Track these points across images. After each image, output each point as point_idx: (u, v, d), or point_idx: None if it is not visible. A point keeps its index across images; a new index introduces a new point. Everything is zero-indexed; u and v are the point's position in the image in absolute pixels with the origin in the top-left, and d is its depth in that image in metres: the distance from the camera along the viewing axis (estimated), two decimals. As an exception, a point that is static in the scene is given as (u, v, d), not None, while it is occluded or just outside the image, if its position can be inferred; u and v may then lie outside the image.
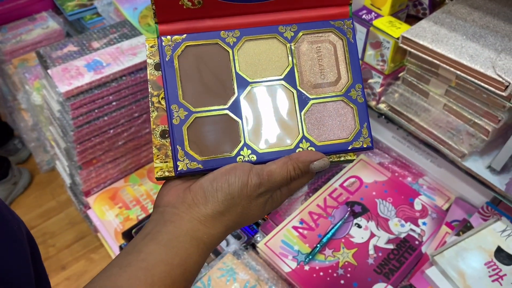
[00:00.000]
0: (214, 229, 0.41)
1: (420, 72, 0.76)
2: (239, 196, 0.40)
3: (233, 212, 0.41)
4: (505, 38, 0.69)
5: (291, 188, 0.44)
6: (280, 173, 0.41)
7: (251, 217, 0.43)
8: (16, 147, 1.73)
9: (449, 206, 0.84)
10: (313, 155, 0.42)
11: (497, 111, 0.69)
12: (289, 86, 0.44)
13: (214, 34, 0.44)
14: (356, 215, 0.83)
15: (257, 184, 0.40)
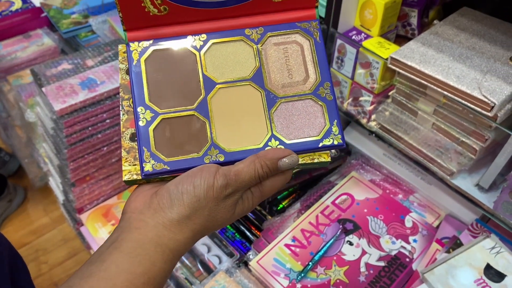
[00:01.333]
0: (181, 234, 0.40)
1: (409, 91, 0.77)
2: (205, 198, 0.39)
3: (200, 216, 0.40)
4: (491, 60, 0.71)
5: (263, 190, 0.42)
6: (248, 172, 0.40)
7: (220, 221, 0.41)
8: (3, 160, 1.73)
9: (439, 223, 0.85)
10: (281, 152, 0.41)
11: (484, 131, 0.70)
12: (256, 86, 0.45)
13: (181, 38, 0.45)
14: (348, 233, 0.84)
15: (223, 185, 0.39)
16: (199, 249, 0.90)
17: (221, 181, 0.39)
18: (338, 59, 0.84)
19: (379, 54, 0.76)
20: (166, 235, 0.39)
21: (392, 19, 0.81)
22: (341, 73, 0.85)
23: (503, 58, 0.71)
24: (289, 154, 0.41)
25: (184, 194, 0.39)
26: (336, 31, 0.81)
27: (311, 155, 0.43)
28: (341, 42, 0.81)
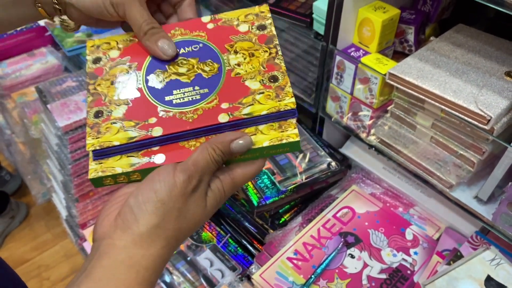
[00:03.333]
0: (153, 247, 0.37)
1: (407, 106, 0.79)
2: (170, 200, 0.37)
3: (170, 219, 0.38)
4: (486, 74, 0.73)
5: (235, 178, 0.41)
6: (203, 158, 0.39)
7: (193, 219, 0.39)
8: (3, 179, 1.74)
9: (440, 236, 0.86)
10: (231, 134, 0.41)
11: (482, 143, 0.71)
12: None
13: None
14: (349, 246, 0.85)
15: (185, 179, 0.38)
16: (202, 264, 0.90)
17: (182, 176, 0.38)
18: (337, 75, 0.86)
19: (377, 70, 0.78)
20: (138, 253, 0.37)
21: (390, 36, 0.83)
22: (340, 89, 0.87)
23: (498, 73, 0.73)
24: (240, 136, 0.41)
25: (146, 203, 0.38)
26: (335, 48, 0.83)
27: (279, 136, 0.43)
28: (340, 58, 0.83)
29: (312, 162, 0.93)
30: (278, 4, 0.95)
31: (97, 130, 0.44)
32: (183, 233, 0.40)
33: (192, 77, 0.46)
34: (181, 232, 0.39)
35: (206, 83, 0.46)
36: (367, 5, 0.81)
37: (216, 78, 0.46)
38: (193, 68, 0.47)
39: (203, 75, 0.46)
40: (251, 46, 0.48)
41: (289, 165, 0.92)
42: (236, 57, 0.47)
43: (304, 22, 0.90)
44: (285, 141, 0.42)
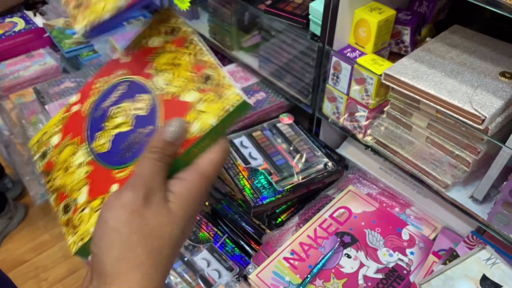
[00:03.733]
0: (127, 283, 0.32)
1: (403, 106, 0.79)
2: (123, 224, 0.33)
3: (132, 246, 0.33)
4: (481, 75, 0.73)
5: (202, 169, 0.37)
6: (144, 165, 0.35)
7: (163, 232, 0.34)
8: (6, 187, 1.73)
9: (436, 236, 0.86)
10: (161, 129, 0.37)
11: (477, 143, 0.72)
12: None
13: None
14: (346, 246, 0.85)
15: (132, 195, 0.34)
16: (199, 264, 0.90)
17: (126, 193, 0.34)
18: (333, 76, 0.87)
19: (373, 71, 0.79)
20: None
21: (386, 37, 0.83)
22: (336, 89, 0.88)
23: (493, 73, 0.74)
24: (170, 123, 0.37)
25: (101, 239, 0.33)
26: (332, 49, 0.84)
27: (222, 106, 0.38)
28: (336, 59, 0.84)
29: (308, 163, 0.93)
30: (274, 6, 0.95)
31: (72, 225, 0.41)
32: (162, 254, 0.34)
33: (132, 121, 0.42)
34: (158, 254, 0.34)
35: (147, 120, 0.41)
36: (363, 6, 0.81)
37: (154, 111, 0.42)
38: (128, 113, 0.43)
39: (140, 114, 0.42)
40: (170, 57, 0.43)
41: (285, 165, 0.93)
42: (162, 77, 0.43)
43: (300, 23, 0.91)
44: (231, 107, 0.38)
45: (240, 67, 1.15)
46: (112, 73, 0.46)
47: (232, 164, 0.92)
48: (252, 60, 1.08)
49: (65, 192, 0.43)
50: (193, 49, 0.43)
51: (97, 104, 0.45)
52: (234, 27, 1.05)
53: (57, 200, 0.43)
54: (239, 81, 1.12)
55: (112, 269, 0.32)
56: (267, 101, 1.06)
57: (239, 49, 1.10)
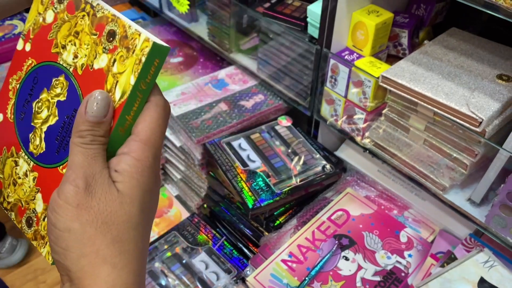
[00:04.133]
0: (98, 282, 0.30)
1: (401, 109, 0.79)
2: (74, 220, 0.31)
3: (90, 241, 0.30)
4: (478, 77, 0.73)
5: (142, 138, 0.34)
6: (75, 153, 0.33)
7: (117, 217, 0.31)
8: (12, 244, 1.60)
9: (434, 238, 0.86)
10: (81, 108, 0.34)
11: (474, 146, 0.72)
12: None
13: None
14: (344, 248, 0.85)
15: (71, 188, 0.31)
16: (197, 266, 0.90)
17: (68, 187, 0.32)
18: (331, 78, 0.87)
19: (371, 73, 0.79)
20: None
21: (383, 40, 0.84)
22: (335, 92, 0.88)
23: (490, 76, 0.74)
24: (89, 98, 0.34)
25: (58, 243, 0.31)
26: (329, 52, 0.84)
27: (135, 59, 0.35)
28: (334, 61, 0.84)
29: (307, 165, 0.93)
30: (273, 8, 0.95)
31: (40, 236, 0.39)
32: (124, 239, 0.32)
33: (55, 110, 0.39)
34: (119, 241, 0.31)
35: (70, 103, 0.38)
36: (360, 9, 0.81)
37: (72, 91, 0.38)
38: (50, 102, 0.39)
39: (61, 100, 0.39)
40: (68, 26, 0.39)
41: (284, 168, 0.93)
42: (68, 52, 0.39)
43: (298, 26, 0.91)
44: (145, 57, 0.34)
45: (238, 70, 1.15)
46: (22, 66, 0.42)
47: (230, 167, 0.92)
48: (251, 63, 1.08)
49: (22, 206, 0.41)
50: (88, 9, 0.38)
51: (18, 105, 0.42)
52: (232, 30, 1.06)
53: (17, 217, 0.41)
54: (238, 83, 1.12)
55: (77, 270, 0.30)
56: (266, 104, 1.06)
57: (237, 51, 1.11)
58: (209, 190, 1.03)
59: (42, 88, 0.40)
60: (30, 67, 0.41)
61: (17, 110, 0.42)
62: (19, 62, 0.42)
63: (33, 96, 0.41)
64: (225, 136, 0.99)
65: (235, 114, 1.02)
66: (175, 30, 1.34)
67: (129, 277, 0.31)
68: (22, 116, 0.41)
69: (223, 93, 1.08)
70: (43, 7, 0.42)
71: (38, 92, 0.40)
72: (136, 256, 0.32)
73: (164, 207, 1.13)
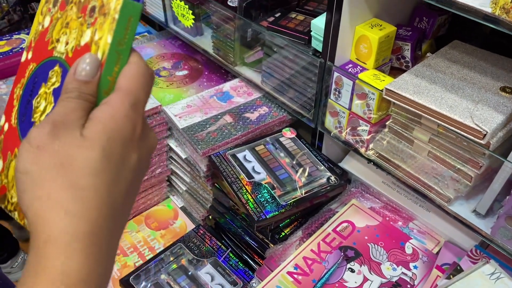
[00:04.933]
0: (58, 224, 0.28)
1: (405, 121, 0.80)
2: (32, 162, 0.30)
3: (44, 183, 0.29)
4: (482, 90, 0.74)
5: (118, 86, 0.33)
6: (60, 105, 0.32)
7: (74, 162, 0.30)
8: (19, 225, 1.65)
9: (439, 250, 0.86)
10: (71, 68, 0.34)
11: (478, 158, 0.72)
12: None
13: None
14: (349, 260, 0.85)
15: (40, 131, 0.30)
16: (203, 278, 0.91)
17: (34, 130, 0.31)
18: (335, 91, 0.88)
19: (374, 86, 0.80)
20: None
21: (386, 53, 0.84)
22: (339, 104, 0.89)
23: (493, 88, 0.74)
24: (79, 61, 0.34)
25: (18, 187, 0.30)
26: (333, 65, 0.85)
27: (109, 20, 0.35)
28: (338, 74, 0.85)
29: (311, 177, 0.94)
30: (277, 23, 0.97)
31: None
32: (81, 184, 0.29)
33: (52, 98, 0.40)
34: (75, 186, 0.29)
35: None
36: (363, 22, 0.82)
37: (65, 74, 0.39)
38: (47, 93, 0.40)
39: (56, 86, 0.40)
40: (61, 22, 0.41)
41: (288, 180, 0.93)
42: (60, 43, 0.40)
43: (302, 40, 0.92)
44: (117, 14, 0.35)
45: (243, 82, 1.16)
46: (25, 73, 0.43)
47: (236, 178, 0.93)
48: (255, 75, 1.10)
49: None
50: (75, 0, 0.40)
51: (20, 109, 0.43)
52: (237, 43, 1.07)
53: (21, 214, 0.41)
54: (243, 96, 1.13)
55: (31, 215, 0.29)
56: (270, 116, 1.07)
57: (242, 64, 1.12)
58: (214, 202, 1.04)
59: (40, 84, 0.41)
60: (31, 71, 0.43)
61: (20, 113, 0.43)
62: (23, 71, 0.43)
63: (33, 95, 0.42)
64: (230, 148, 1.00)
65: (240, 126, 1.03)
66: (180, 43, 1.35)
67: (84, 226, 0.29)
68: (23, 118, 0.42)
69: (228, 105, 1.09)
70: (42, 17, 0.43)
71: (37, 90, 0.41)
72: (97, 205, 0.30)
73: (170, 218, 1.14)
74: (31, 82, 0.42)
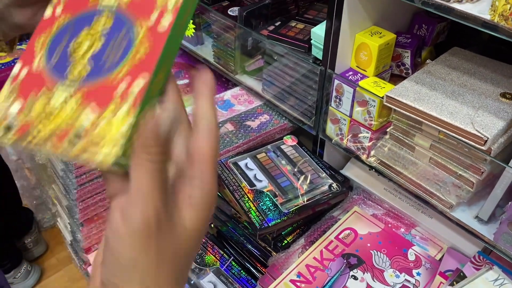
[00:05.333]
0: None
1: (406, 128, 0.80)
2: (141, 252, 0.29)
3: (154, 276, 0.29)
4: (482, 96, 0.74)
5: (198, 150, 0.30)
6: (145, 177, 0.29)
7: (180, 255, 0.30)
8: (25, 247, 1.63)
9: (442, 256, 0.86)
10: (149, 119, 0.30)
11: (480, 164, 0.72)
12: None
13: None
14: (352, 267, 0.85)
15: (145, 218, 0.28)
16: (206, 287, 0.90)
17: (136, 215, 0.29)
18: (336, 98, 0.88)
19: (375, 93, 0.80)
20: None
21: (386, 60, 0.85)
22: (339, 111, 0.89)
23: (493, 94, 0.75)
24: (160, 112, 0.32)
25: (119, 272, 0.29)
26: (334, 72, 0.85)
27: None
28: (339, 82, 0.85)
29: (313, 184, 0.94)
30: (277, 31, 0.97)
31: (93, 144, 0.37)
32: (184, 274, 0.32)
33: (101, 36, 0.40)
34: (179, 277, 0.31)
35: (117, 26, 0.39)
36: (363, 30, 0.83)
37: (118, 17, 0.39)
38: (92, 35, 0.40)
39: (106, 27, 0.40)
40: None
41: (290, 187, 0.93)
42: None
43: (302, 48, 0.92)
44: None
45: (244, 90, 1.16)
46: (52, 27, 0.42)
47: (238, 186, 0.93)
48: (256, 84, 1.10)
49: (62, 130, 0.39)
50: None
51: (49, 52, 0.42)
52: (237, 52, 1.08)
53: (57, 143, 0.38)
54: (244, 104, 1.13)
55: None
56: (271, 123, 1.07)
57: (243, 73, 1.12)
58: (216, 210, 1.04)
59: (81, 29, 0.40)
60: (64, 21, 0.42)
61: (49, 55, 0.42)
62: (46, 25, 0.42)
63: (70, 38, 0.41)
64: (232, 156, 1.00)
65: (241, 134, 1.04)
66: (181, 52, 1.36)
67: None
68: (54, 60, 0.41)
69: (229, 113, 1.10)
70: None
71: (75, 34, 0.40)
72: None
73: (172, 227, 1.13)
74: (65, 30, 0.41)
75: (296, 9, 1.11)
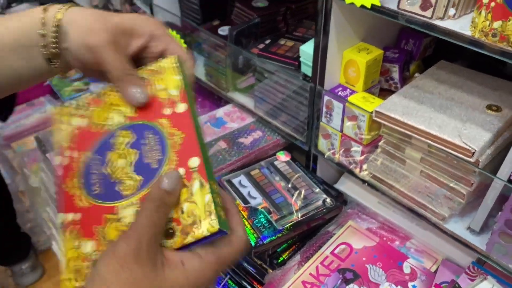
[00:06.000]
0: None
1: (396, 141, 0.81)
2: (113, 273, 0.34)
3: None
4: (469, 109, 0.75)
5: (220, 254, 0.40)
6: (144, 217, 0.37)
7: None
8: (22, 272, 1.63)
9: (437, 268, 0.86)
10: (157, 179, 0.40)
11: (470, 175, 0.73)
12: None
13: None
14: (348, 282, 0.85)
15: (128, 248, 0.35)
16: (203, 306, 0.90)
17: (123, 244, 0.35)
18: (326, 114, 0.89)
19: (364, 108, 0.81)
20: None
21: (375, 75, 0.86)
22: (330, 127, 0.90)
23: (480, 107, 0.76)
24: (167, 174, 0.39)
25: (94, 282, 0.35)
26: (323, 88, 0.87)
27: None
28: (328, 98, 0.86)
29: (307, 199, 0.95)
30: (267, 49, 0.99)
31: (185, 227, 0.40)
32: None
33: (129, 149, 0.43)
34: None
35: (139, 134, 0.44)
36: (351, 47, 0.84)
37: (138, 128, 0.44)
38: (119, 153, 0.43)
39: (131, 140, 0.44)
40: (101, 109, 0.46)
41: (285, 204, 0.94)
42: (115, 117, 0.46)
43: (292, 65, 0.94)
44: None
45: (236, 108, 1.17)
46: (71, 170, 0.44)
47: (232, 205, 0.93)
48: (248, 101, 1.11)
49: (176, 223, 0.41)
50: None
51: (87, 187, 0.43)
52: (229, 70, 1.09)
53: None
54: (236, 121, 1.14)
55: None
56: (264, 140, 1.08)
57: (234, 90, 1.13)
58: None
59: (104, 155, 0.43)
60: (83, 158, 0.44)
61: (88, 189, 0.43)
62: (67, 171, 0.44)
63: (99, 167, 0.43)
64: (225, 173, 1.00)
65: (234, 152, 1.04)
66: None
67: None
68: (98, 189, 0.43)
69: (221, 131, 1.10)
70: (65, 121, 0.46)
71: (103, 161, 0.43)
72: None
73: (168, 247, 1.13)
74: (90, 164, 0.44)
75: (285, 27, 1.13)
